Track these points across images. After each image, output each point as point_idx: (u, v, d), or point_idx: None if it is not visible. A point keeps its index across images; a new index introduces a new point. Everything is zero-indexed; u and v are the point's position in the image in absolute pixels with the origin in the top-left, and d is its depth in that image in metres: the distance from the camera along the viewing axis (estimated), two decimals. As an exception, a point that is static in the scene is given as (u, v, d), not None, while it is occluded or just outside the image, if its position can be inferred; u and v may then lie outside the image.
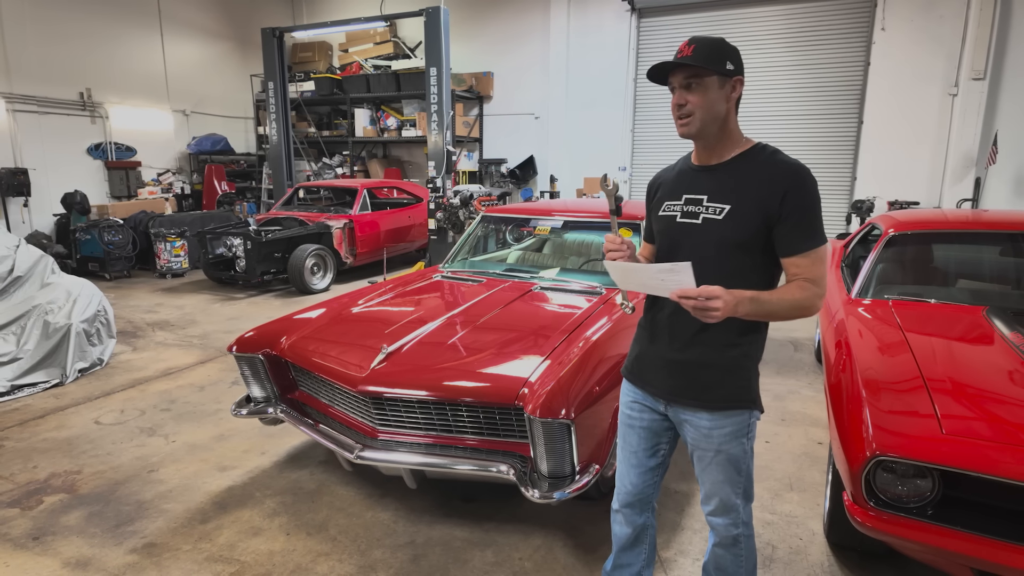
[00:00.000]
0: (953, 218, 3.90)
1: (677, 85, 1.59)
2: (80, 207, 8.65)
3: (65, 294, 4.67)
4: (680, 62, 1.55)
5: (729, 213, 1.59)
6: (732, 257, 1.60)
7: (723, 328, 1.59)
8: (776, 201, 1.54)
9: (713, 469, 1.70)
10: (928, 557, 1.99)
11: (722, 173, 1.64)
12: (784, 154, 1.62)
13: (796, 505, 2.84)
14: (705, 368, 1.66)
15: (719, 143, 1.64)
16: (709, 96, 1.57)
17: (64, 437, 3.59)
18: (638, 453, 1.85)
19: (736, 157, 1.64)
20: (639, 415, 1.83)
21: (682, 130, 1.61)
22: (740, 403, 1.66)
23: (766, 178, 1.57)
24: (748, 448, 1.71)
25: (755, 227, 1.57)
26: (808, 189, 1.55)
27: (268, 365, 3.01)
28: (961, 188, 8.22)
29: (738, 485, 1.71)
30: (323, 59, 12.25)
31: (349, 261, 7.87)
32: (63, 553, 2.53)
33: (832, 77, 9.06)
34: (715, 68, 1.55)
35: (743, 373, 1.66)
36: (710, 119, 1.59)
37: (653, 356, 1.75)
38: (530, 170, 11.00)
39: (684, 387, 1.69)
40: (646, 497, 1.90)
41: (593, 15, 10.16)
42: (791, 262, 1.56)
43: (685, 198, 1.68)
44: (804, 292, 1.53)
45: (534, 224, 4.22)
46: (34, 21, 8.79)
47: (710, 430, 1.67)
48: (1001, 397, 2.14)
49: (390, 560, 2.47)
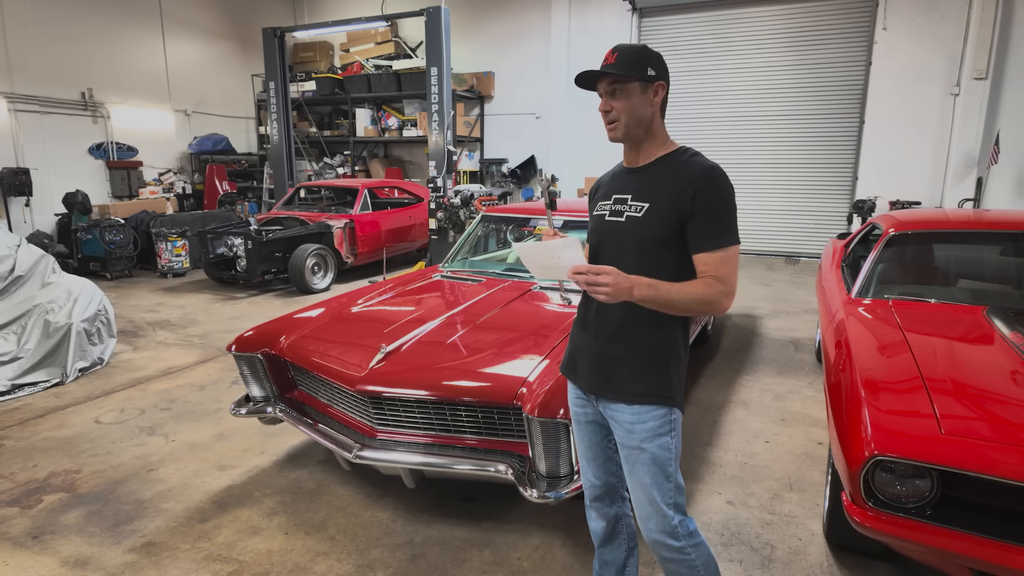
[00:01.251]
0: (954, 218, 3.89)
1: (603, 92, 1.67)
2: (81, 207, 8.67)
3: (66, 293, 4.67)
4: (604, 71, 1.62)
5: (648, 211, 1.65)
6: (649, 254, 1.65)
7: (642, 322, 1.65)
8: (688, 199, 1.59)
9: (639, 470, 1.69)
10: (927, 557, 1.98)
11: (646, 174, 1.71)
12: (703, 156, 1.68)
13: (795, 505, 2.83)
14: (624, 361, 1.69)
15: (645, 146, 1.71)
16: (632, 101, 1.64)
17: (64, 436, 3.60)
18: (592, 447, 1.88)
19: (660, 159, 1.70)
20: (582, 410, 1.86)
21: (610, 135, 1.69)
22: (656, 397, 1.67)
23: (681, 177, 1.63)
24: (673, 449, 1.69)
25: (670, 225, 1.62)
26: (718, 189, 1.60)
27: (267, 364, 3.02)
28: (963, 188, 8.21)
29: (667, 493, 1.68)
30: (324, 59, 12.27)
31: (350, 261, 7.87)
32: (62, 552, 2.54)
33: (833, 77, 9.05)
34: (636, 75, 1.62)
35: (661, 368, 1.68)
36: (634, 123, 1.66)
37: (581, 350, 1.80)
38: (531, 170, 11.00)
39: (606, 380, 1.72)
40: (612, 488, 1.91)
41: (594, 15, 10.16)
42: (699, 259, 1.60)
43: (614, 198, 1.75)
44: (708, 288, 1.56)
45: (534, 224, 4.22)
46: (36, 21, 8.81)
47: (631, 425, 1.69)
48: (1001, 397, 2.13)
49: (388, 559, 2.47)
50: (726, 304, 1.59)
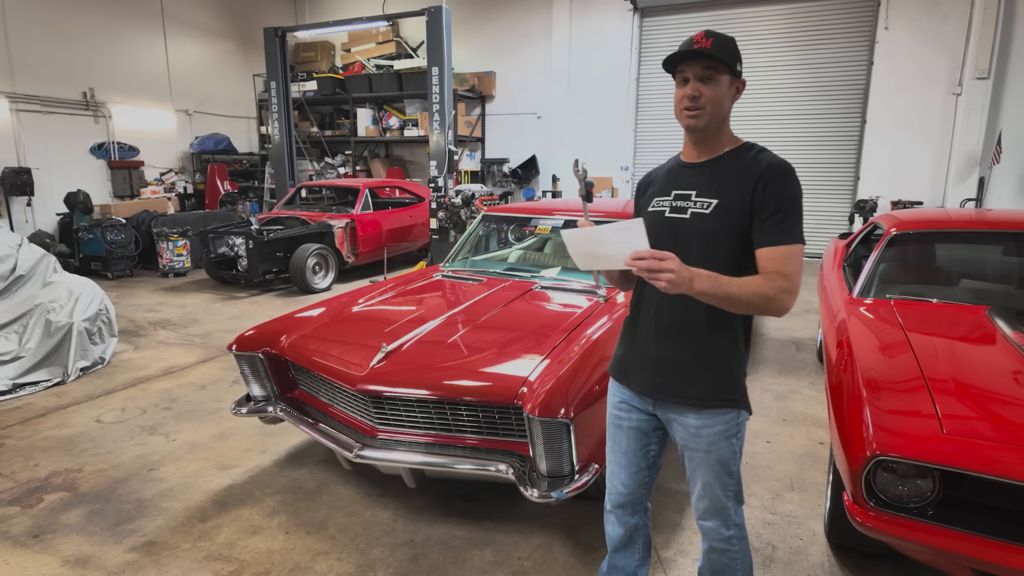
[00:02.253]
0: (955, 217, 3.88)
1: (692, 76, 1.57)
2: (83, 206, 8.68)
3: (67, 293, 4.68)
4: (705, 52, 1.53)
5: (716, 207, 1.60)
6: (717, 251, 1.59)
7: (707, 323, 1.61)
8: (758, 194, 1.55)
9: (703, 470, 1.69)
10: (928, 558, 1.98)
11: (711, 169, 1.65)
12: (771, 152, 1.64)
13: (797, 505, 2.83)
14: (687, 363, 1.65)
15: (714, 140, 1.65)
16: (720, 91, 1.57)
17: (65, 435, 3.60)
18: (628, 454, 1.84)
19: (726, 153, 1.65)
20: (627, 415, 1.82)
21: (691, 122, 1.59)
22: (726, 402, 1.64)
23: (750, 171, 1.58)
24: (738, 449, 1.69)
25: (739, 221, 1.58)
26: (788, 184, 1.56)
27: (268, 364, 3.02)
28: (965, 188, 8.20)
29: (728, 488, 1.70)
30: (325, 59, 12.27)
31: (351, 260, 7.87)
32: (63, 551, 2.54)
33: (835, 77, 9.03)
34: (731, 65, 1.56)
35: (727, 371, 1.65)
36: (717, 115, 1.59)
37: (638, 353, 1.74)
38: (532, 170, 11.00)
39: (669, 384, 1.68)
40: (638, 498, 1.88)
41: (596, 14, 10.15)
42: (762, 253, 1.55)
43: (674, 194, 1.69)
44: (770, 284, 1.48)
45: (535, 223, 4.21)
46: (38, 21, 8.82)
47: (699, 429, 1.66)
48: (1003, 397, 2.12)
49: (389, 559, 2.47)
50: (788, 303, 1.50)
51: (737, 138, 1.68)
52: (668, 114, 10.09)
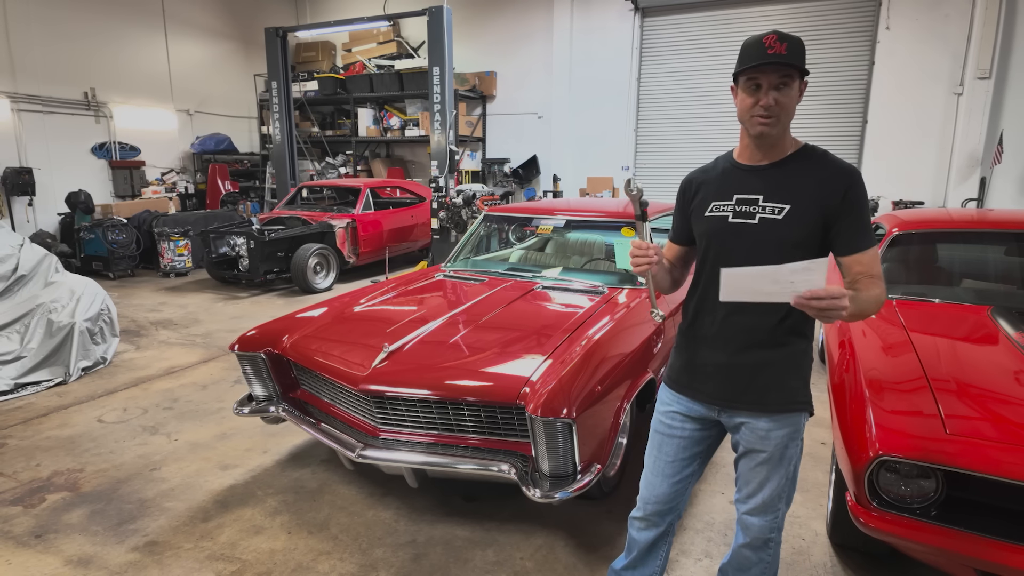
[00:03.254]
0: (957, 217, 3.87)
1: (767, 84, 1.53)
2: (84, 206, 8.68)
3: (69, 293, 4.68)
4: (783, 60, 1.50)
5: (789, 213, 1.58)
6: (790, 257, 1.54)
7: (777, 329, 1.62)
8: (836, 199, 1.54)
9: (763, 468, 1.69)
10: (931, 558, 1.98)
11: (776, 172, 1.63)
12: (833, 154, 1.63)
13: (799, 505, 2.82)
14: (763, 370, 1.65)
15: (777, 143, 1.63)
16: (792, 96, 1.55)
17: (67, 435, 3.60)
18: (675, 463, 1.81)
19: (790, 156, 1.63)
20: (680, 425, 1.80)
21: (764, 130, 1.56)
22: (797, 404, 1.66)
23: (824, 177, 1.57)
24: (800, 450, 1.72)
25: (813, 226, 1.57)
26: (863, 189, 1.57)
27: (270, 364, 3.02)
28: (966, 188, 8.19)
29: (784, 488, 1.71)
30: (326, 59, 12.27)
31: (352, 260, 7.88)
32: (65, 551, 2.54)
33: (836, 77, 9.02)
34: (805, 70, 1.53)
35: (799, 374, 1.66)
36: (787, 119, 1.58)
37: (704, 363, 1.72)
38: (533, 170, 10.99)
39: (742, 391, 1.67)
40: (673, 506, 1.86)
41: (596, 14, 10.15)
42: (855, 259, 1.55)
43: (737, 198, 1.65)
44: (879, 288, 1.53)
45: (536, 223, 4.21)
46: (39, 21, 8.82)
47: (768, 431, 1.66)
48: (1005, 397, 2.12)
49: (391, 559, 2.47)
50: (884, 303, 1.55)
51: (796, 139, 1.65)
52: (669, 114, 10.09)
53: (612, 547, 2.50)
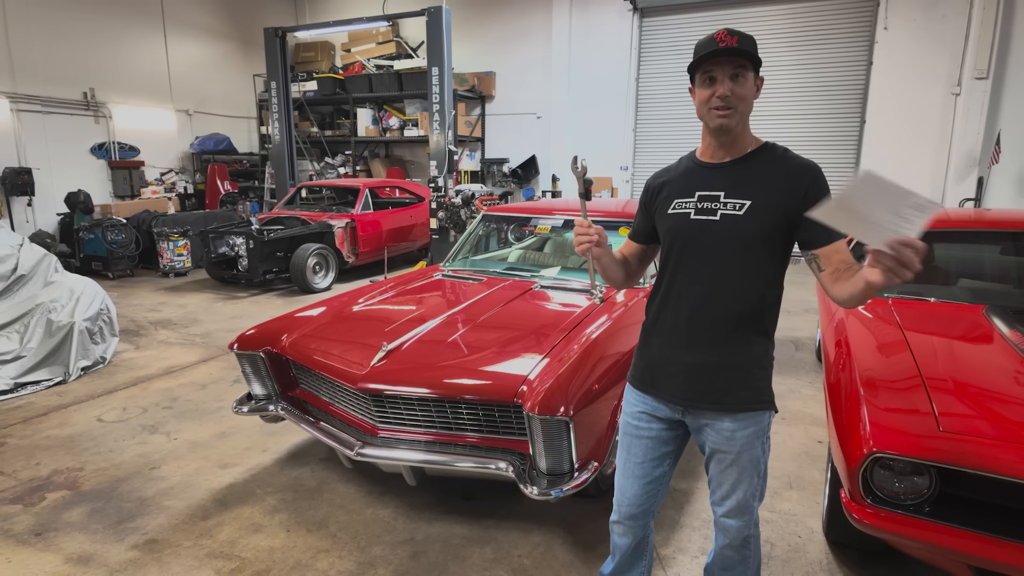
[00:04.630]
0: (954, 217, 3.89)
1: (721, 75, 1.55)
2: (84, 206, 8.69)
3: (68, 293, 4.69)
4: (735, 50, 1.52)
5: (750, 209, 1.59)
6: (753, 253, 1.60)
7: (742, 329, 1.62)
8: (799, 196, 1.55)
9: (733, 471, 1.69)
10: (926, 554, 1.99)
11: (737, 169, 1.64)
12: (793, 151, 1.65)
13: (795, 503, 2.84)
14: (725, 370, 1.64)
15: (737, 140, 1.64)
16: (748, 88, 1.57)
17: (67, 434, 3.61)
18: (644, 464, 1.81)
19: (751, 154, 1.65)
20: (647, 425, 1.79)
21: (723, 121, 1.57)
22: (760, 404, 1.66)
23: (786, 173, 1.59)
24: (766, 448, 1.72)
25: (775, 222, 1.58)
26: (825, 184, 1.58)
27: (269, 363, 3.03)
28: (964, 187, 8.21)
29: (756, 487, 1.72)
30: (326, 59, 12.29)
31: (351, 260, 7.89)
32: (65, 549, 2.55)
33: (834, 77, 9.05)
34: (758, 62, 1.56)
35: (761, 374, 1.66)
36: (745, 112, 1.59)
37: (667, 361, 1.72)
38: (532, 170, 11.01)
39: (704, 391, 1.66)
40: (648, 508, 1.86)
41: (595, 15, 10.17)
42: (834, 248, 1.55)
43: (699, 195, 1.66)
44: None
45: (535, 223, 4.23)
46: (39, 21, 8.83)
47: (733, 432, 1.66)
48: (999, 395, 2.14)
49: (390, 557, 2.48)
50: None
51: (756, 137, 1.67)
52: (668, 114, 10.12)
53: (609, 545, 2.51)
